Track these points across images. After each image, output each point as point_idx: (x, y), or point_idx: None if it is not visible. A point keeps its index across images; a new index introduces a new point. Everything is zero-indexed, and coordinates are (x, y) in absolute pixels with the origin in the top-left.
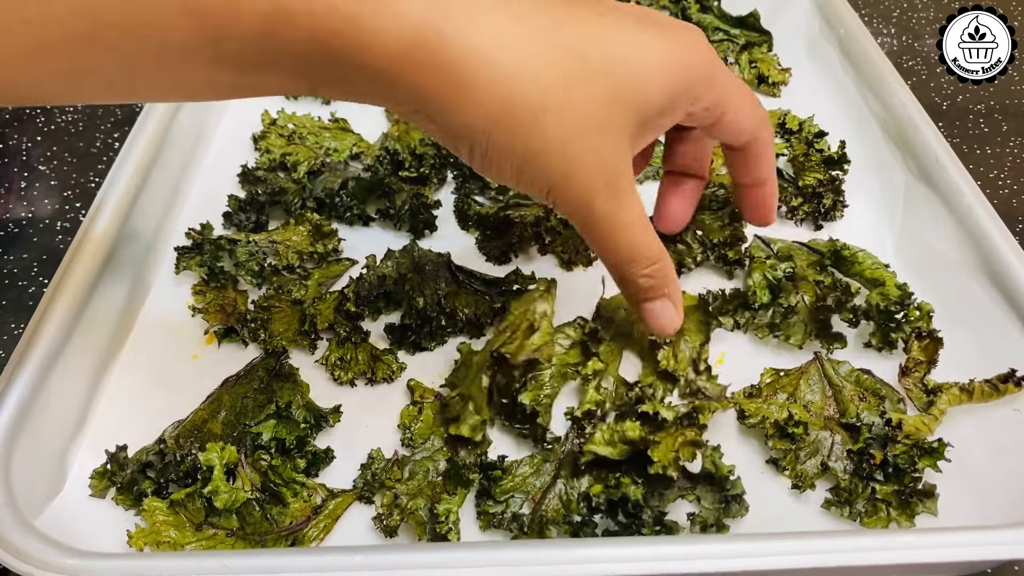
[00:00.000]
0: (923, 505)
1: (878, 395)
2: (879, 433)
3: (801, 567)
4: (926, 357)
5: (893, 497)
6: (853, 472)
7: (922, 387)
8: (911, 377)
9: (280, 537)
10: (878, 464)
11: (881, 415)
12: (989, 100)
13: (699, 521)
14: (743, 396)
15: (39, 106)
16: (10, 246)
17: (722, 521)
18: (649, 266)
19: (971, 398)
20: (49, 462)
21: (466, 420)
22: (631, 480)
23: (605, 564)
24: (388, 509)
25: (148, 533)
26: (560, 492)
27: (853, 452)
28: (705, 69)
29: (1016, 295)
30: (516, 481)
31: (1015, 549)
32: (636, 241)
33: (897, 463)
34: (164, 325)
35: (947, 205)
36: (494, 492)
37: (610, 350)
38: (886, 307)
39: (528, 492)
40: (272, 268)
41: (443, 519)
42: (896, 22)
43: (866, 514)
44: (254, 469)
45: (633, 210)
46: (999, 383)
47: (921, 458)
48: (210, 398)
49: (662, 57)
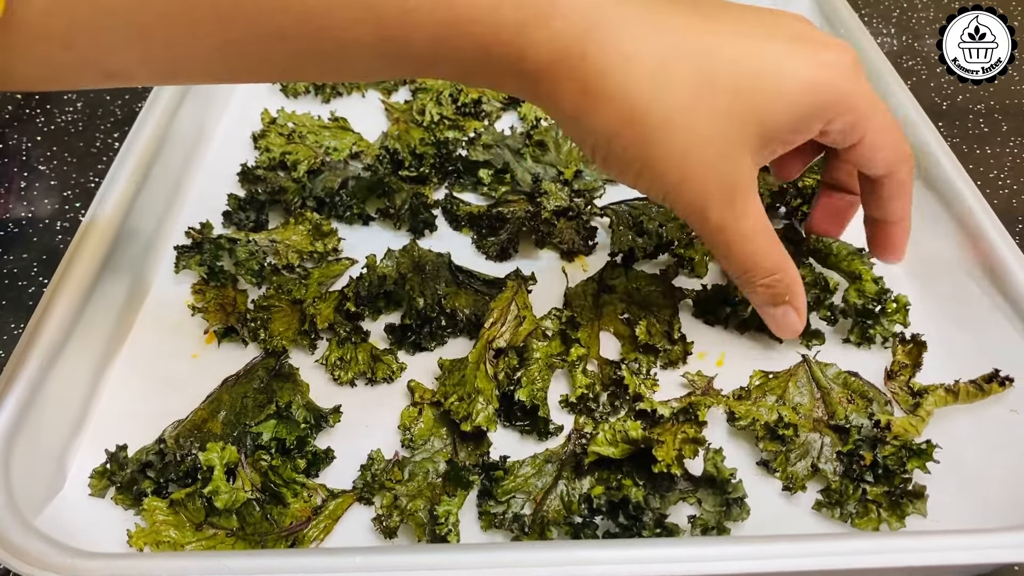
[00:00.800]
0: (913, 506)
1: (866, 397)
2: (868, 435)
3: (802, 570)
4: (911, 361)
5: (884, 498)
6: (843, 474)
7: (908, 389)
8: (896, 380)
9: (280, 537)
10: (868, 465)
11: (869, 417)
12: (989, 100)
13: (700, 524)
14: (733, 398)
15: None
16: (10, 246)
17: (723, 524)
18: (767, 276)
19: (956, 399)
20: (49, 462)
21: (480, 412)
22: (632, 482)
23: (605, 566)
24: (388, 510)
25: (148, 533)
26: (561, 493)
27: (843, 454)
28: (845, 93)
29: (1014, 296)
30: (518, 482)
31: (1014, 552)
32: (751, 251)
33: (887, 464)
34: (164, 324)
35: (946, 206)
36: (496, 492)
37: (588, 334)
38: (863, 305)
39: (530, 493)
40: (272, 267)
41: (442, 520)
42: (896, 22)
43: (857, 515)
44: (254, 469)
45: (750, 222)
46: (984, 383)
47: (910, 459)
48: (210, 398)
49: (797, 76)
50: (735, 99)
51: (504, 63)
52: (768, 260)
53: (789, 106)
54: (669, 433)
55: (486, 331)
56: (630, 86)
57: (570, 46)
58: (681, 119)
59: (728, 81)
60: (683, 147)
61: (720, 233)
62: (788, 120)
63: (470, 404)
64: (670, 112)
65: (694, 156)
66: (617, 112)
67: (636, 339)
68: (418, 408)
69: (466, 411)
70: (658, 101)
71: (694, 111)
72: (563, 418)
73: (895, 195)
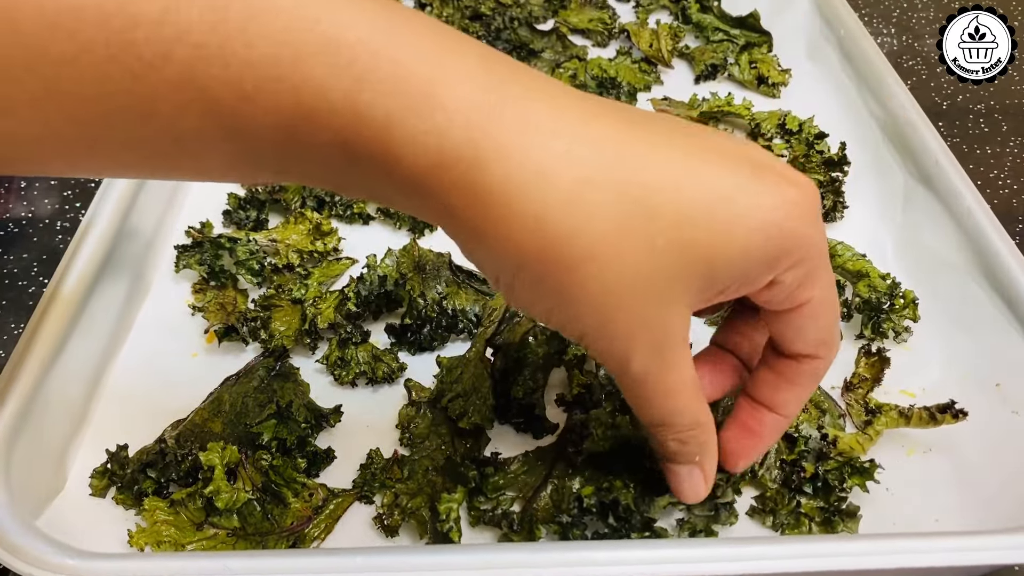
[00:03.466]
0: (844, 524)
1: (820, 408)
2: (815, 447)
3: (798, 571)
4: (871, 375)
5: (817, 512)
6: (783, 482)
7: (863, 405)
8: (854, 393)
9: (281, 537)
10: (807, 478)
11: (819, 429)
12: (989, 100)
13: (687, 527)
14: None
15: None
16: (10, 246)
17: (711, 528)
18: (682, 432)
19: (908, 423)
20: (49, 462)
21: (477, 409)
22: (623, 483)
23: (597, 567)
24: (388, 509)
25: (148, 533)
26: (552, 492)
27: (786, 462)
28: (806, 241)
29: (1014, 297)
30: (508, 478)
31: (1014, 554)
32: (671, 407)
33: (827, 479)
34: (164, 324)
35: (946, 207)
36: (485, 488)
37: None
38: (876, 299)
39: (520, 490)
40: (272, 267)
41: (444, 517)
42: (896, 22)
43: (788, 526)
44: (255, 469)
45: (675, 375)
46: (937, 412)
47: (851, 476)
48: (210, 397)
49: (757, 214)
50: (676, 234)
51: (372, 165)
52: (687, 416)
53: (745, 249)
54: None
55: (484, 329)
56: (546, 209)
57: (460, 148)
58: (607, 253)
59: (669, 210)
60: (607, 286)
61: (641, 386)
62: (741, 266)
63: (466, 401)
64: (594, 244)
65: (620, 298)
66: (528, 240)
67: None
68: (416, 407)
69: (462, 408)
70: (580, 230)
71: (623, 244)
72: (560, 416)
73: (800, 383)
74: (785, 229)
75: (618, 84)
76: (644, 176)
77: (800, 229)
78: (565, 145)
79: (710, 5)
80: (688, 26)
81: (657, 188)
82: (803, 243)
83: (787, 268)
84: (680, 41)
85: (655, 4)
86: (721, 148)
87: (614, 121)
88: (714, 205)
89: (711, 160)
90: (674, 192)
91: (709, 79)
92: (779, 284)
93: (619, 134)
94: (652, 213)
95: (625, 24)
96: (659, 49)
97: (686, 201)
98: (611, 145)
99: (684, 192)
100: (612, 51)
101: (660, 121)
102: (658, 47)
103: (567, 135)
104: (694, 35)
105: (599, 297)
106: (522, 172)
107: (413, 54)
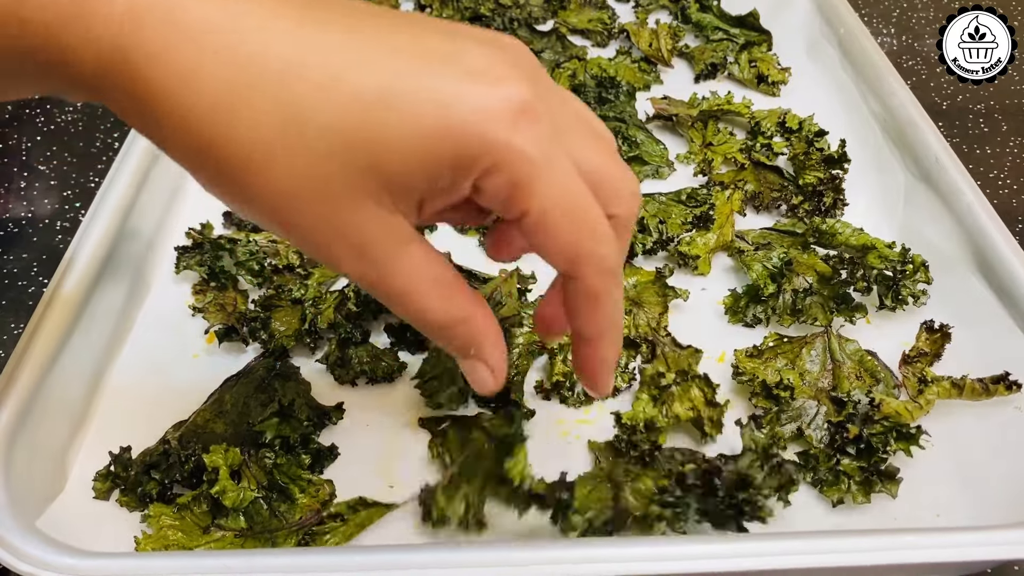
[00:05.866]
0: (883, 485)
1: (875, 377)
2: (863, 411)
3: (801, 567)
4: (931, 350)
5: (857, 472)
6: (828, 443)
7: (918, 377)
8: (912, 366)
9: (291, 532)
10: (851, 439)
11: (867, 394)
12: (989, 100)
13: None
14: (744, 355)
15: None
16: (10, 246)
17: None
18: (439, 331)
19: (960, 394)
20: (49, 462)
21: (444, 391)
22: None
23: (612, 564)
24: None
25: (155, 539)
26: (631, 493)
27: (832, 424)
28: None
29: (1014, 294)
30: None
31: (1015, 549)
32: (415, 308)
33: (870, 441)
34: (164, 325)
35: (947, 204)
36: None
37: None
38: (892, 268)
39: (594, 506)
40: (272, 267)
41: (517, 481)
42: (896, 22)
43: (827, 483)
44: (259, 468)
45: (403, 278)
46: (991, 383)
47: (897, 441)
48: (212, 398)
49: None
50: (337, 138)
51: (50, 67)
52: (438, 315)
53: (410, 152)
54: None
55: None
56: (191, 115)
57: (113, 51)
58: (267, 159)
59: (325, 115)
60: (279, 191)
61: (372, 290)
62: (414, 167)
63: (439, 383)
64: (252, 151)
65: (296, 202)
66: (184, 146)
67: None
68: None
69: (434, 389)
70: (231, 137)
71: (283, 150)
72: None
73: (581, 305)
74: (457, 129)
75: (618, 84)
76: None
77: (490, 135)
78: (217, 36)
79: (709, 4)
80: (688, 25)
81: (316, 89)
82: (494, 148)
83: (483, 175)
84: (680, 40)
85: (655, 4)
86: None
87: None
88: (391, 107)
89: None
90: (334, 94)
91: (709, 78)
92: (483, 191)
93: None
94: (306, 118)
95: (625, 24)
96: (659, 48)
97: (343, 105)
98: (274, 35)
99: (342, 96)
100: (612, 51)
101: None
102: (658, 46)
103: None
104: (694, 34)
105: (274, 200)
106: (169, 75)
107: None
